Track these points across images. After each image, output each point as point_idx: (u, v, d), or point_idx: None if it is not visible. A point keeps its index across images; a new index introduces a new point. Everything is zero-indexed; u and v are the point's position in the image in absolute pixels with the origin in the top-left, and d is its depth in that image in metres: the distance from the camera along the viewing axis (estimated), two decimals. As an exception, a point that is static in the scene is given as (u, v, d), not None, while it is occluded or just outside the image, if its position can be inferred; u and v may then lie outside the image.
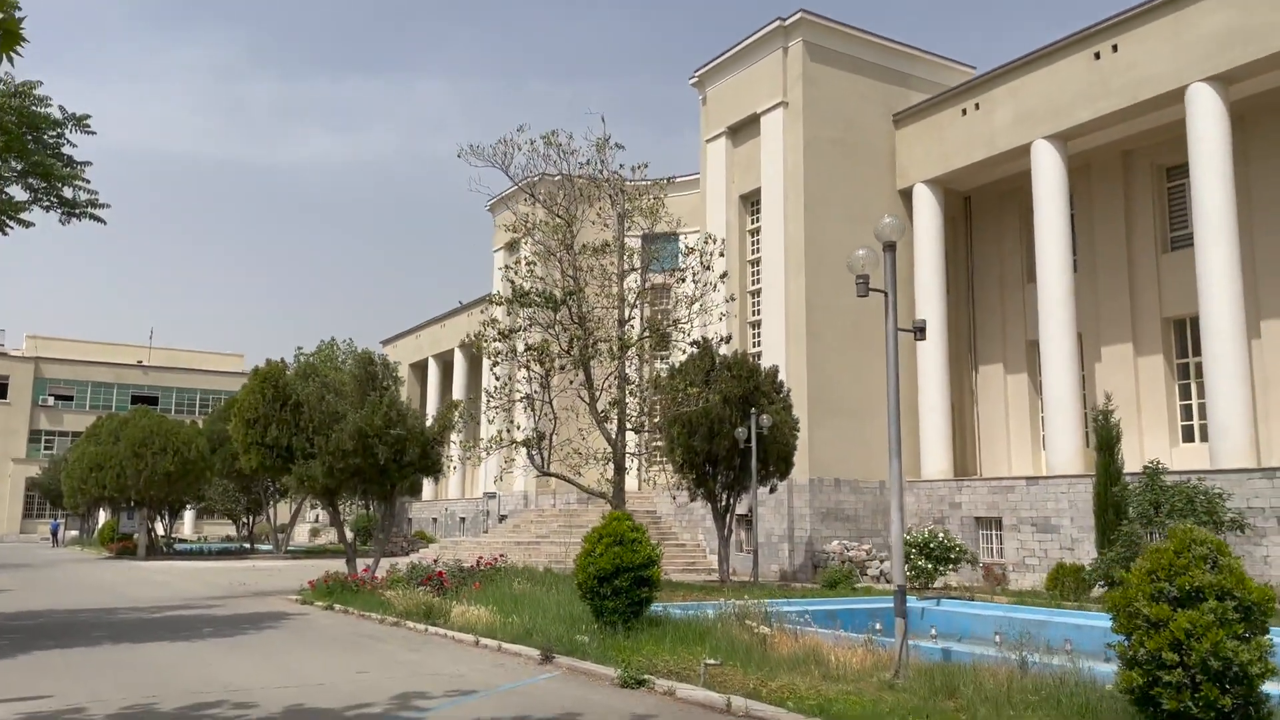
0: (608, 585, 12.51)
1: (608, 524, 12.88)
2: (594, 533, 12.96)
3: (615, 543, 12.64)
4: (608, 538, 12.70)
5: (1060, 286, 28.24)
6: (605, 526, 12.86)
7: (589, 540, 12.95)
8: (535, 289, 20.94)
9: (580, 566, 12.85)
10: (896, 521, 10.80)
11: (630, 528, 12.84)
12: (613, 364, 21.85)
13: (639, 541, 12.75)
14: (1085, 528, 26.53)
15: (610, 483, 21.59)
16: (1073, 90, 28.20)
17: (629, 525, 12.85)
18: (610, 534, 12.72)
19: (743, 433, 24.90)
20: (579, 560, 12.97)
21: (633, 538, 12.73)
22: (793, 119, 32.27)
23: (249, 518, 48.43)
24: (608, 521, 12.94)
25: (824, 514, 30.41)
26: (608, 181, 22.53)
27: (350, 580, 19.28)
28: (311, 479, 20.64)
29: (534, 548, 33.61)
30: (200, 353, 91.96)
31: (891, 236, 10.70)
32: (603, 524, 12.97)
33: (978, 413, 33.84)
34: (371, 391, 21.86)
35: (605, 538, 12.71)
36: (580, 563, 12.87)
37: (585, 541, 13.03)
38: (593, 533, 13.00)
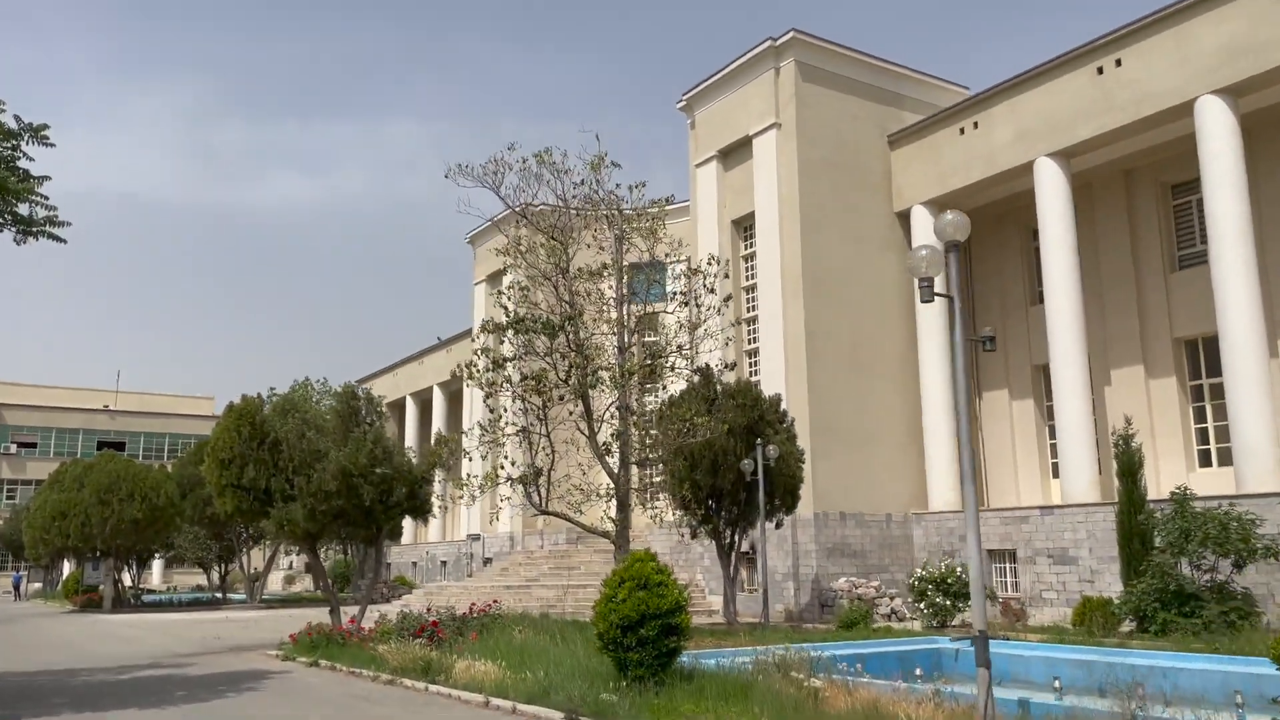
0: (632, 635, 11.13)
1: (629, 566, 11.52)
2: (614, 576, 11.59)
3: (639, 586, 11.28)
4: (630, 581, 11.33)
5: (1069, 308, 27.28)
6: (627, 569, 11.50)
7: (609, 585, 11.57)
8: (530, 315, 19.64)
9: (600, 615, 11.46)
10: (975, 557, 9.52)
11: (654, 569, 11.49)
12: (613, 394, 20.53)
13: (665, 585, 11.40)
14: (1106, 558, 25.37)
15: (614, 521, 20.18)
16: (1075, 106, 27.44)
17: (653, 567, 11.50)
18: (633, 577, 11.35)
19: (749, 465, 23.62)
20: (598, 608, 11.58)
21: (658, 580, 11.38)
22: (786, 140, 31.35)
23: (221, 566, 46.38)
24: (629, 563, 11.58)
25: (830, 550, 29.07)
26: (603, 202, 21.34)
27: (336, 632, 17.70)
28: (292, 523, 19.09)
29: (525, 592, 32.01)
30: (170, 396, 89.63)
31: (955, 235, 9.52)
32: (624, 566, 11.61)
33: (983, 440, 32.73)
34: (355, 428, 20.41)
35: (627, 581, 11.35)
36: (600, 610, 11.48)
37: (605, 586, 11.65)
38: (613, 576, 11.63)
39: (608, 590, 11.50)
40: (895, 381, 31.55)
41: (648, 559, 11.62)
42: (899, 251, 32.52)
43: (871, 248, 31.98)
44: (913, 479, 31.13)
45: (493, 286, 47.26)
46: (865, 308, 31.39)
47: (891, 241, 32.53)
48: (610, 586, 11.51)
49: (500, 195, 20.77)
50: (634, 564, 11.53)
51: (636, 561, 11.56)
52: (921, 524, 30.52)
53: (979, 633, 9.20)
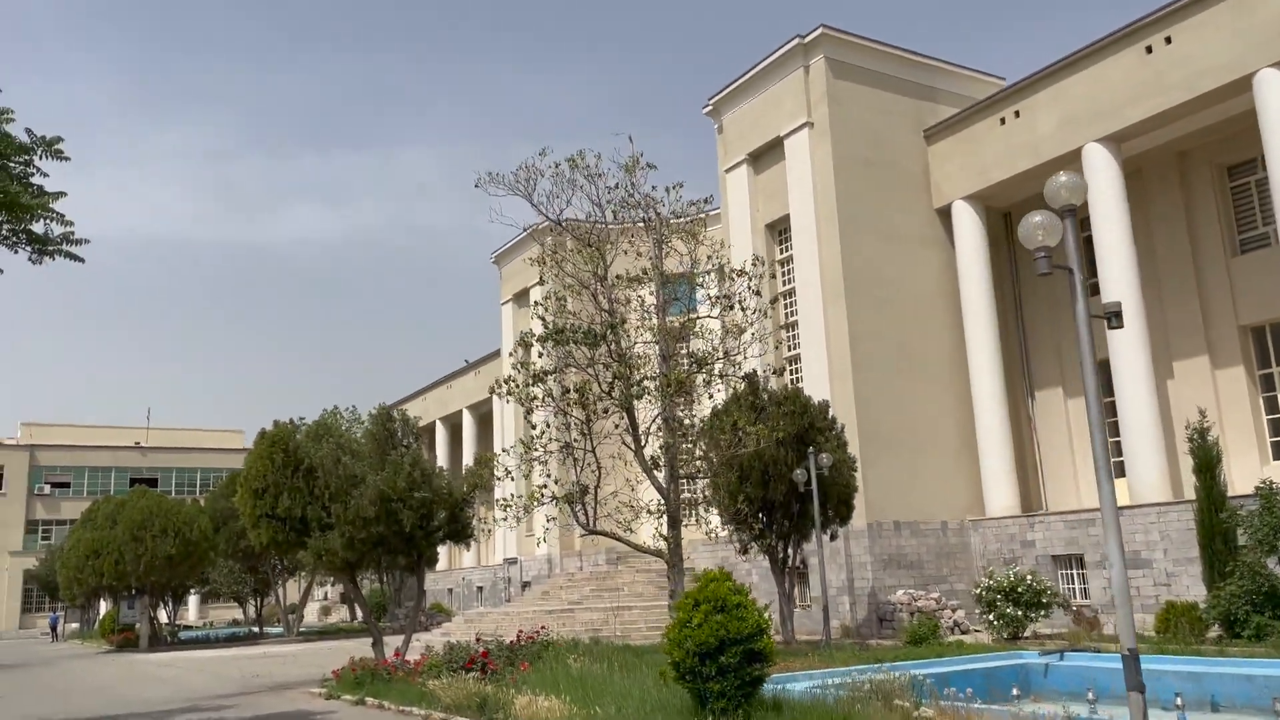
0: (712, 663, 10.09)
1: (703, 586, 10.49)
2: (688, 598, 10.56)
3: (716, 609, 10.25)
4: (706, 604, 10.30)
5: (1128, 298, 26.03)
6: (701, 590, 10.47)
7: (682, 609, 10.54)
8: (570, 325, 18.72)
9: (673, 641, 10.43)
10: (1118, 564, 8.43)
11: (731, 589, 10.46)
12: (658, 405, 19.55)
13: (744, 606, 10.37)
14: (1182, 560, 24.05)
15: (665, 539, 19.15)
16: (1124, 88, 26.30)
17: (729, 586, 10.47)
18: (709, 598, 10.32)
19: (802, 475, 22.51)
20: (670, 634, 10.55)
21: (736, 602, 10.35)
22: (819, 139, 30.36)
23: (257, 599, 45.64)
24: (702, 583, 10.55)
25: (885, 561, 27.86)
26: (640, 205, 20.43)
27: (381, 667, 16.74)
28: (330, 553, 18.19)
29: (569, 616, 30.95)
30: (199, 431, 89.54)
31: (1071, 199, 8.49)
32: (697, 587, 10.58)
33: (1038, 442, 31.43)
34: (391, 450, 19.52)
35: (703, 604, 10.31)
36: (673, 637, 10.45)
37: (678, 610, 10.62)
38: (686, 599, 10.60)
39: (681, 614, 10.47)
40: (944, 383, 30.37)
41: (723, 578, 10.59)
42: (940, 249, 31.40)
43: (912, 246, 30.88)
44: (967, 484, 29.88)
45: (520, 305, 46.47)
46: (909, 309, 30.27)
47: (932, 239, 31.42)
48: (684, 610, 10.48)
49: (533, 203, 19.92)
50: (708, 584, 10.51)
51: (711, 581, 10.53)
52: (979, 531, 29.25)
53: (1128, 650, 8.11)
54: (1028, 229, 8.54)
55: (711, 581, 10.52)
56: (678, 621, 10.49)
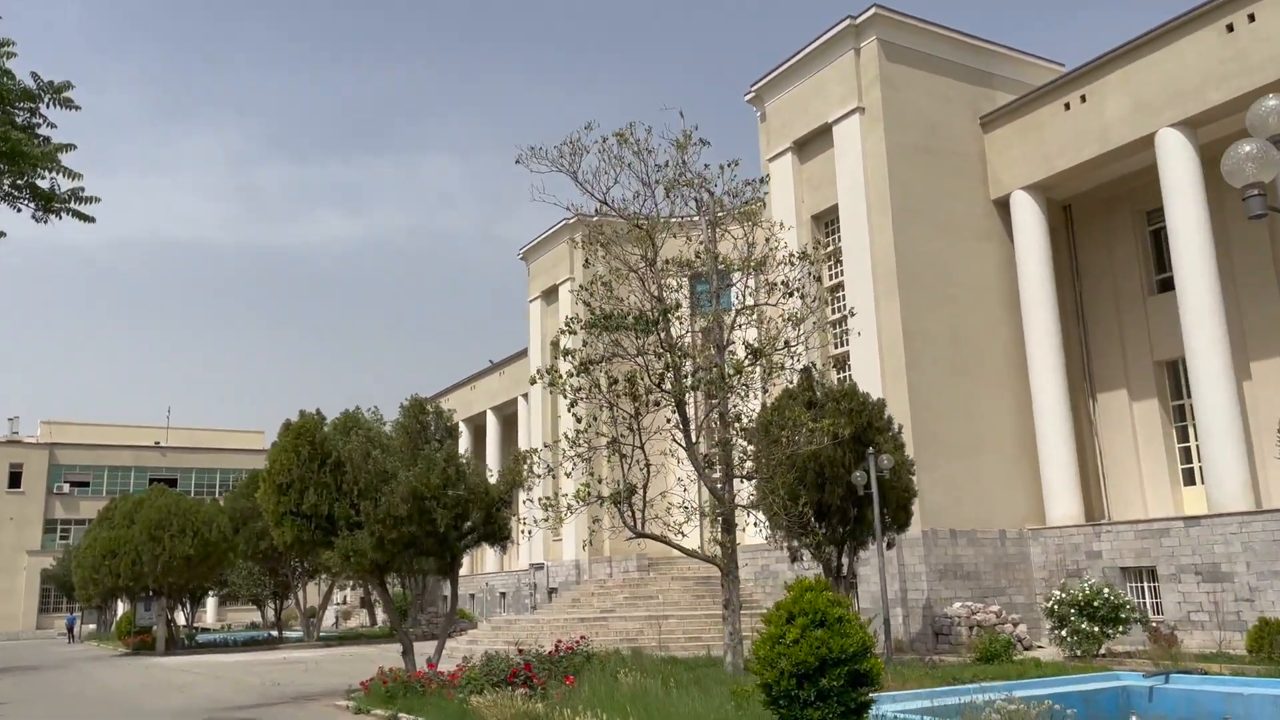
0: (811, 686, 8.60)
1: (798, 597, 9.00)
2: (780, 610, 9.07)
3: (815, 624, 8.76)
4: (803, 617, 8.81)
5: (1206, 293, 24.38)
6: (795, 601, 8.98)
7: (773, 622, 9.06)
8: (617, 311, 17.28)
9: (764, 660, 8.94)
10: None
11: (830, 601, 8.96)
12: (713, 400, 18.09)
13: (847, 621, 8.87)
14: (1268, 574, 22.34)
15: (720, 544, 17.66)
16: (1202, 70, 24.66)
17: (828, 598, 8.98)
18: (806, 611, 8.83)
19: (861, 477, 20.97)
20: (760, 652, 9.06)
21: (838, 615, 8.85)
22: (871, 125, 28.83)
23: (276, 602, 44.38)
24: (797, 593, 9.06)
25: (941, 571, 26.23)
26: (691, 184, 18.98)
27: (414, 679, 15.31)
28: (359, 553, 16.79)
29: (602, 624, 29.48)
30: (220, 431, 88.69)
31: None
32: (790, 598, 9.08)
33: (1099, 447, 29.71)
34: (424, 445, 18.13)
35: (799, 617, 8.83)
36: (764, 655, 8.96)
37: (769, 624, 9.14)
38: (778, 610, 9.11)
39: (773, 629, 8.97)
40: (1001, 384, 28.73)
41: (819, 586, 9.10)
42: (998, 243, 29.80)
43: (968, 239, 29.28)
44: (1026, 492, 28.21)
45: (549, 302, 45.10)
46: (965, 305, 28.66)
47: (989, 232, 29.82)
48: (775, 624, 8.99)
49: (578, 180, 18.49)
50: (803, 594, 9.01)
51: (806, 590, 9.04)
52: (1039, 540, 27.57)
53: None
54: (1234, 162, 7.04)
55: (807, 591, 9.03)
56: (768, 637, 8.99)
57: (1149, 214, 29.59)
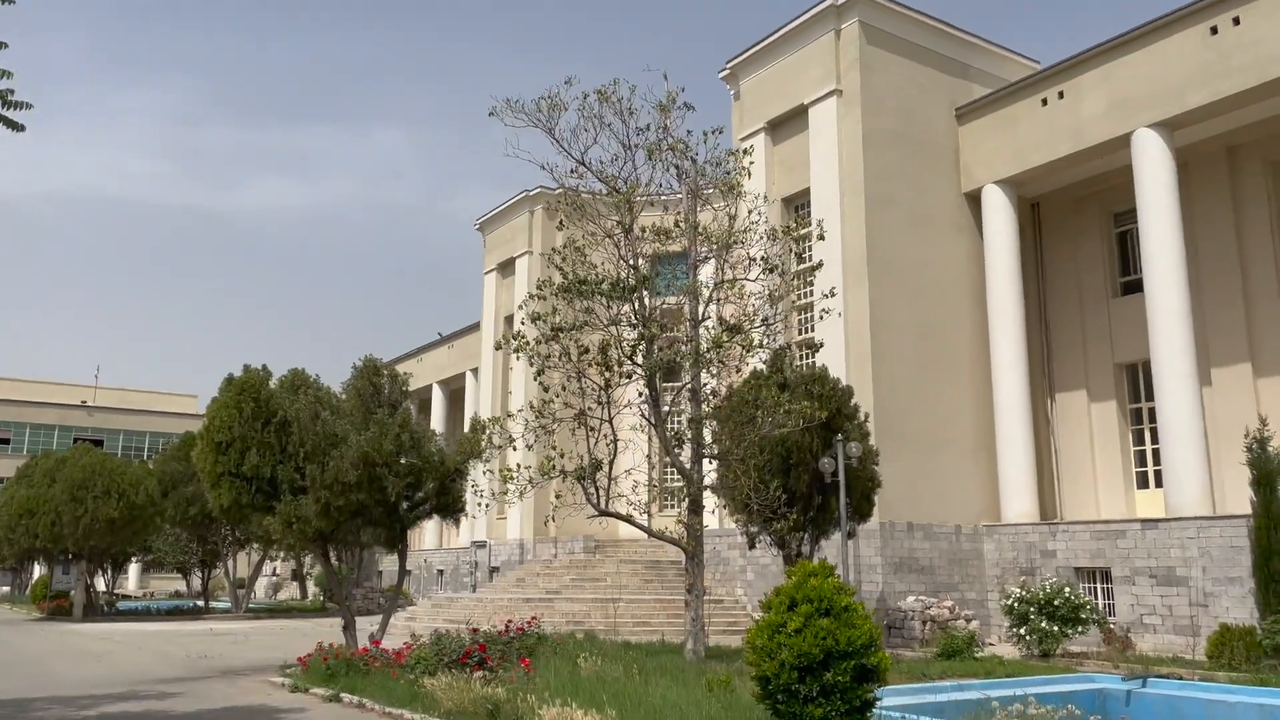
0: (814, 681, 7.86)
1: (802, 583, 8.25)
2: (781, 596, 8.32)
3: (820, 612, 8.02)
4: (807, 604, 8.07)
5: (1175, 296, 24.23)
6: (798, 587, 8.23)
7: (773, 609, 8.30)
8: (594, 276, 16.39)
9: (761, 651, 8.18)
10: None
11: (835, 588, 8.24)
12: (686, 375, 17.32)
13: (853, 610, 8.17)
14: (1223, 580, 22.28)
15: (686, 525, 16.92)
16: (1183, 72, 24.45)
17: (833, 584, 8.25)
18: (810, 597, 8.09)
19: (829, 464, 20.40)
20: (756, 641, 8.30)
21: (844, 604, 8.14)
22: (848, 109, 28.23)
23: (203, 571, 42.72)
24: (800, 578, 8.31)
25: (896, 565, 25.85)
26: (674, 150, 18.16)
27: (357, 656, 14.32)
28: (302, 520, 15.71)
29: (548, 606, 28.59)
30: (151, 393, 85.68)
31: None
32: (793, 583, 8.33)
33: (1055, 447, 29.60)
34: (377, 409, 17.08)
35: (803, 604, 8.08)
36: (760, 644, 8.20)
37: (768, 611, 8.38)
38: (779, 596, 8.35)
39: (772, 617, 8.21)
40: (964, 379, 28.42)
41: (824, 571, 8.36)
42: (968, 237, 29.46)
43: (939, 231, 28.88)
44: (983, 487, 27.97)
45: (505, 275, 43.93)
46: (933, 298, 28.27)
47: (959, 225, 29.46)
48: (776, 612, 8.23)
49: (555, 138, 17.54)
50: (806, 579, 8.27)
51: (810, 576, 8.30)
52: (994, 537, 27.35)
53: None
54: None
55: (811, 576, 8.28)
56: (766, 625, 8.23)
57: (1116, 216, 29.50)
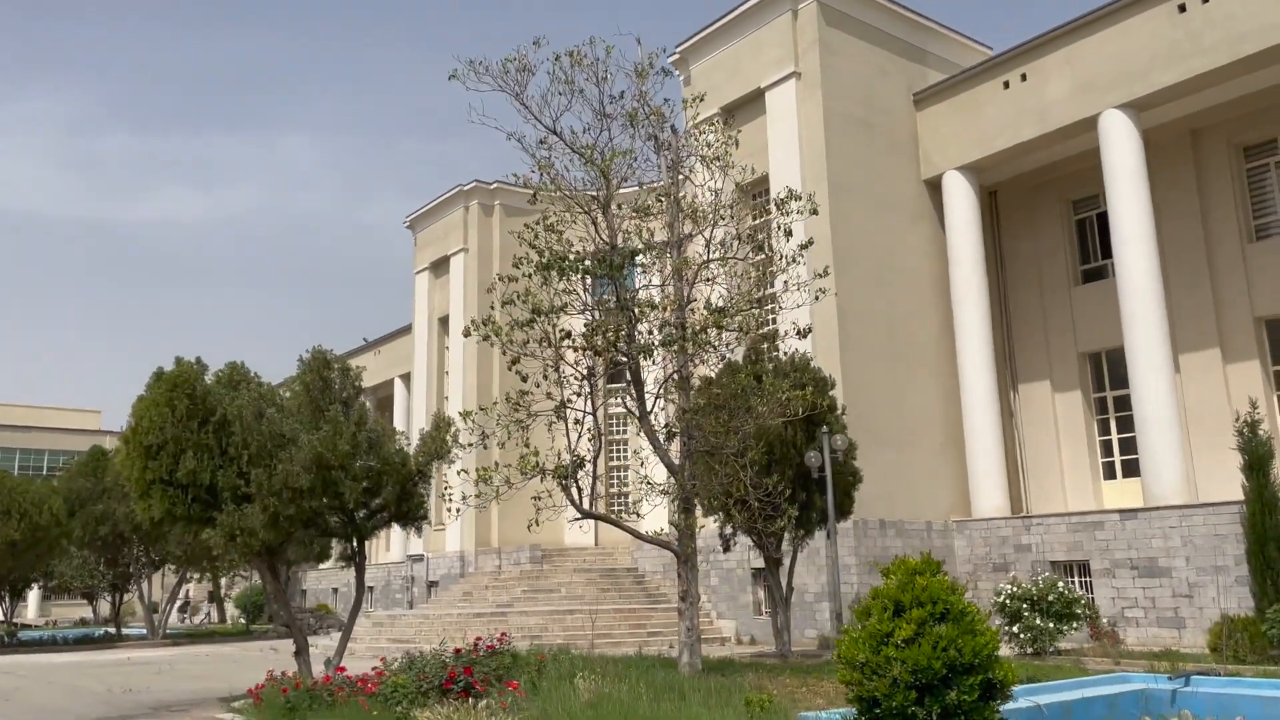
0: (934, 701, 6.45)
1: (906, 581, 6.83)
2: (882, 599, 6.88)
3: (936, 617, 6.62)
4: (918, 608, 6.65)
5: (1147, 280, 23.70)
6: (904, 587, 6.81)
7: (875, 614, 6.85)
8: (576, 253, 14.82)
9: (865, 668, 6.73)
10: None
11: (947, 588, 6.84)
12: (672, 361, 15.88)
13: (972, 614, 6.77)
14: (1208, 569, 21.70)
15: (676, 526, 15.44)
16: (1151, 51, 23.97)
17: (944, 583, 6.85)
18: (921, 600, 6.68)
19: (815, 458, 19.15)
20: (855, 655, 6.83)
21: (961, 607, 6.75)
22: (808, 91, 27.18)
23: (115, 596, 39.55)
24: (903, 577, 6.89)
25: (869, 564, 24.72)
26: (659, 115, 16.74)
27: (318, 686, 12.45)
28: (247, 532, 13.74)
29: (500, 620, 26.79)
30: (48, 409, 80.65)
31: None
32: (895, 583, 6.89)
33: (1020, 439, 28.95)
34: (328, 405, 15.21)
35: (913, 608, 6.66)
36: (864, 659, 6.75)
37: (866, 616, 6.92)
38: (876, 600, 6.91)
39: (875, 624, 6.76)
40: (930, 371, 27.58)
41: (930, 567, 6.96)
42: (929, 225, 28.67)
43: (901, 219, 28.02)
44: (952, 482, 27.13)
45: (438, 275, 41.87)
46: (897, 288, 27.36)
47: (921, 213, 28.65)
48: (877, 618, 6.78)
49: (524, 103, 15.92)
50: (911, 578, 6.85)
51: (914, 573, 6.88)
52: (965, 533, 26.50)
53: None
54: None
55: (915, 574, 6.87)
56: (869, 635, 6.78)
57: (1075, 203, 29.06)
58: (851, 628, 7.17)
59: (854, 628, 7.16)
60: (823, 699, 11.85)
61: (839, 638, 18.53)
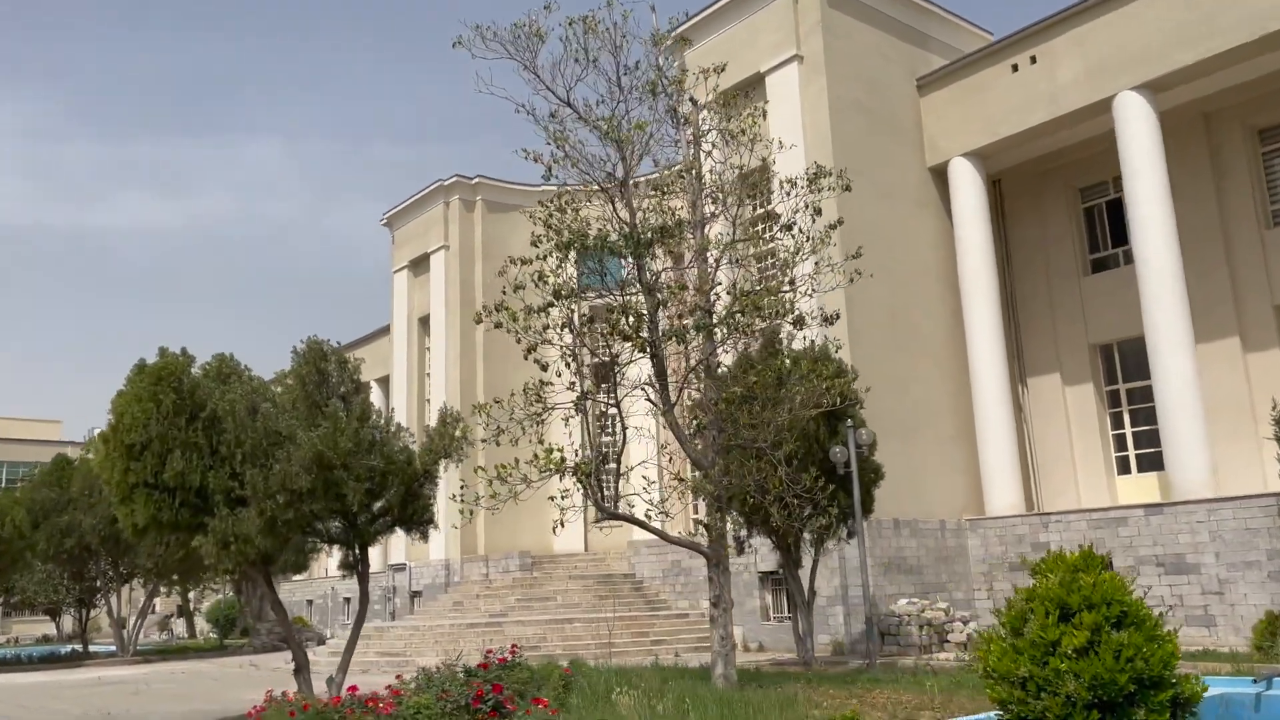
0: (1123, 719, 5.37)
1: (1069, 579, 5.76)
2: (1043, 601, 5.79)
3: (1112, 622, 5.54)
4: (1089, 611, 5.57)
5: (1168, 266, 22.93)
6: (1068, 585, 5.73)
7: (1037, 616, 5.76)
8: (599, 232, 13.68)
9: (1033, 680, 5.63)
10: None
11: (1119, 587, 5.77)
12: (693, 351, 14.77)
13: (1150, 618, 5.70)
14: (1239, 564, 20.91)
15: (705, 527, 14.32)
16: (1167, 31, 23.23)
17: (1117, 582, 5.78)
18: (1093, 601, 5.60)
19: (841, 453, 18.11)
20: (1015, 668, 5.73)
21: (1141, 611, 5.68)
22: (811, 75, 26.21)
23: (82, 611, 37.72)
24: (1065, 574, 5.80)
25: (885, 565, 23.77)
26: (667, 94, 15.64)
27: (329, 708, 11.18)
28: (242, 539, 12.44)
29: (495, 631, 25.55)
30: (6, 419, 78.05)
31: None
32: (1057, 580, 5.81)
33: (1030, 434, 28.10)
34: (325, 401, 13.94)
35: (1084, 611, 5.58)
36: (1031, 670, 5.65)
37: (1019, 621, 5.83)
38: (1037, 601, 5.82)
39: (1037, 631, 5.67)
40: (938, 364, 26.67)
41: (1094, 562, 5.88)
42: (933, 213, 27.79)
43: (906, 207, 27.11)
44: (964, 479, 26.22)
45: (418, 273, 40.47)
46: (903, 277, 26.43)
47: (924, 202, 27.76)
48: (1039, 624, 5.69)
49: (535, 72, 14.75)
50: (1073, 575, 5.77)
51: (1075, 570, 5.80)
52: (979, 532, 25.59)
53: None
54: None
55: (1077, 571, 5.79)
56: (1031, 644, 5.69)
57: (1083, 190, 28.33)
58: (994, 634, 6.07)
59: (996, 634, 6.07)
60: (931, 713, 10.75)
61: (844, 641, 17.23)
